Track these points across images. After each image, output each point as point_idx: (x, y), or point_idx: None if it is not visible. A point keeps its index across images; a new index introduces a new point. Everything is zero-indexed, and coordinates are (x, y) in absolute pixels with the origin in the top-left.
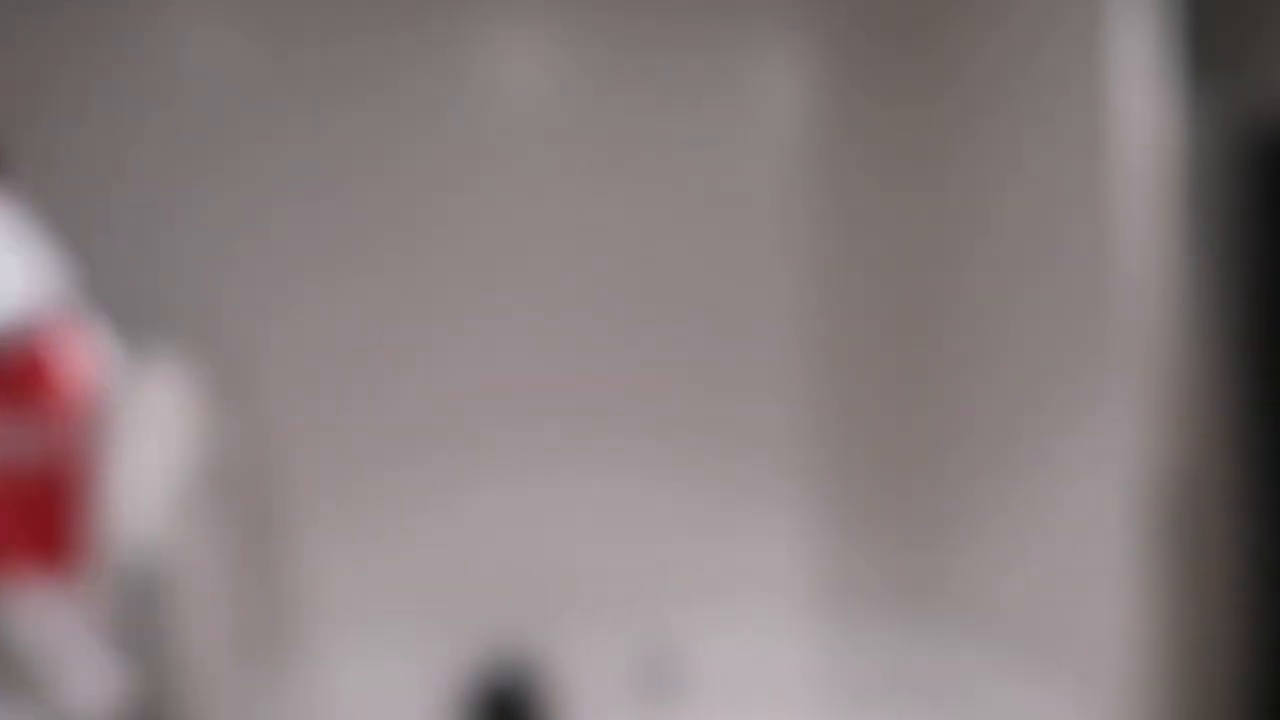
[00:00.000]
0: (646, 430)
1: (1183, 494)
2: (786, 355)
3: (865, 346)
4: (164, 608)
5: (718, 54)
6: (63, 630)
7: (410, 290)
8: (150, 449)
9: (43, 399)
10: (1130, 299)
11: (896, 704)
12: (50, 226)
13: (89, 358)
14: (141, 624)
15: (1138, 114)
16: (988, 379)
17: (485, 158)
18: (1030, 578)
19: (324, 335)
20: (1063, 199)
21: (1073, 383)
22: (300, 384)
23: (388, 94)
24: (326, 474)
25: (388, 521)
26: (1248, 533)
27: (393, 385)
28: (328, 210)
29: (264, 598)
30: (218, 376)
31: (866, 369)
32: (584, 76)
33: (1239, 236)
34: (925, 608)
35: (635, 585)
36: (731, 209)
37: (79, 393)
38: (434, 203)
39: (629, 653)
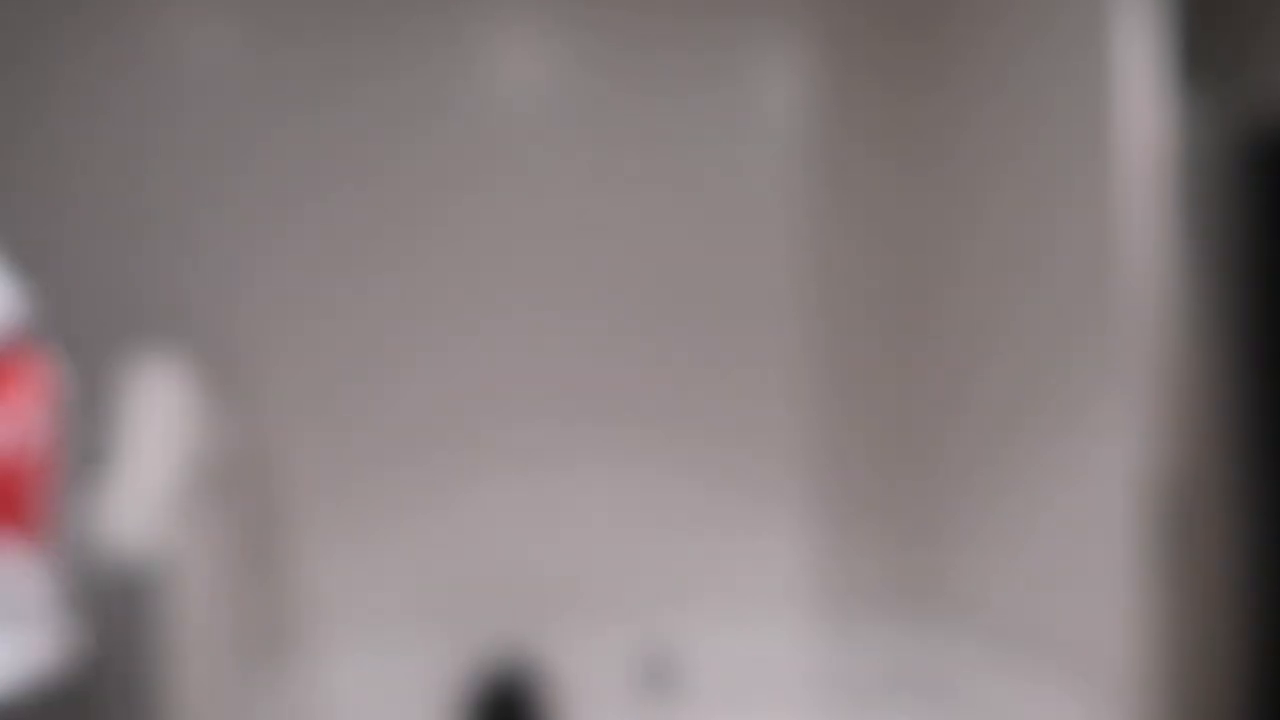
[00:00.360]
0: (646, 429)
1: (1183, 493)
2: (787, 353)
3: (865, 343)
4: (158, 602)
5: (717, 50)
6: (21, 588)
7: (410, 290)
8: (150, 447)
9: (9, 398)
10: (1130, 297)
11: (896, 703)
12: (48, 228)
13: (45, 368)
14: (132, 618)
15: (1137, 112)
16: (987, 376)
17: (485, 157)
18: (1030, 577)
19: (324, 335)
20: (1062, 197)
21: (1072, 381)
22: (300, 383)
23: (387, 93)
24: (326, 474)
25: (388, 521)
26: (1248, 533)
27: (393, 385)
28: (328, 210)
29: (264, 598)
30: (218, 375)
31: (867, 366)
32: (584, 75)
33: (1239, 236)
34: (925, 607)
35: (634, 585)
36: (732, 206)
37: (39, 396)
38: (434, 203)
39: (629, 653)
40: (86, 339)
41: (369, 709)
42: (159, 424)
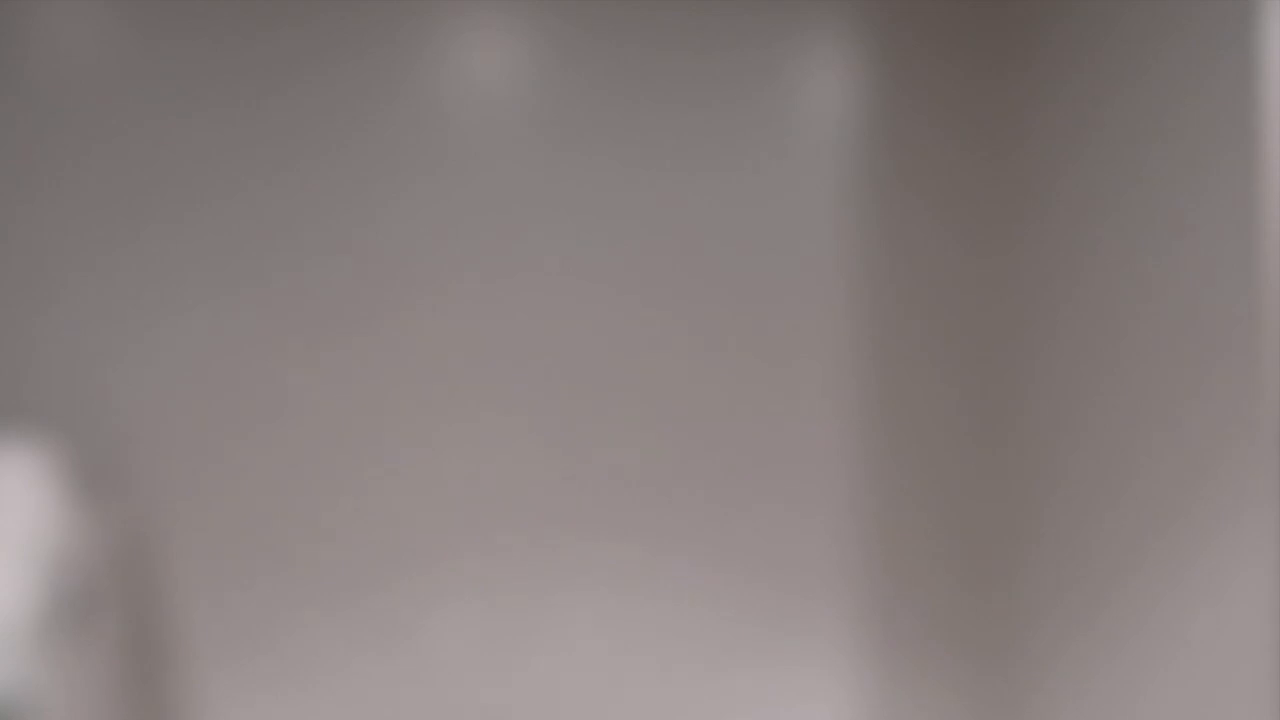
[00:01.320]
0: (656, 548)
1: None
2: (832, 437)
3: (930, 421)
4: None
5: (737, 48)
6: None
7: (343, 362)
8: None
9: None
10: None
11: None
12: None
13: None
14: None
15: None
16: (1087, 469)
17: (448, 204)
18: None
19: (231, 416)
20: (1208, 231)
21: (1213, 478)
22: (197, 482)
23: (309, 96)
24: (235, 603)
25: (315, 663)
26: None
27: (321, 486)
28: (238, 256)
29: None
30: (92, 468)
31: (930, 454)
32: (569, 86)
33: None
34: None
35: None
36: (759, 253)
37: None
38: (383, 260)
39: None
40: None
41: None
42: (11, 528)
